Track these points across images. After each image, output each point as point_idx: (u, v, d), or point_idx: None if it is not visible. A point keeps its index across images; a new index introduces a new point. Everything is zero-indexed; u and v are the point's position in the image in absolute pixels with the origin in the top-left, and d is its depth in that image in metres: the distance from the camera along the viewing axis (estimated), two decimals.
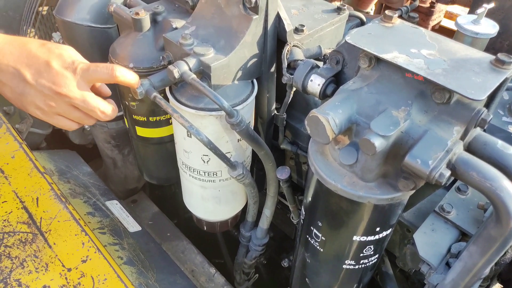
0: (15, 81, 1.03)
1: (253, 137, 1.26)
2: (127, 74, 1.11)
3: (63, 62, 1.04)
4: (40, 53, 1.03)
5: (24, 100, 1.06)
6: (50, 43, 1.06)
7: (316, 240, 1.21)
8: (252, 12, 1.19)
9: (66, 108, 1.08)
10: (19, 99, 1.07)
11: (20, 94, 1.05)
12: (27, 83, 1.03)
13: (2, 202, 1.30)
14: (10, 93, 1.06)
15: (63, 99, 1.05)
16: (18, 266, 1.15)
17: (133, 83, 1.13)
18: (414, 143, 0.88)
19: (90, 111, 1.10)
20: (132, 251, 1.49)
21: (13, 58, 1.02)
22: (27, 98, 1.05)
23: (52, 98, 1.05)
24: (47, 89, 1.03)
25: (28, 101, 1.06)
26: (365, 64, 0.99)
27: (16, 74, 1.02)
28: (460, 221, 1.17)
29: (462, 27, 1.49)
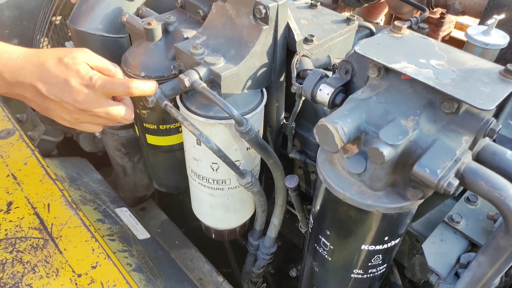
0: (39, 98, 1.09)
1: (262, 146, 1.27)
2: (143, 87, 1.15)
3: (81, 79, 1.08)
4: (58, 71, 1.07)
5: (50, 113, 1.13)
6: (67, 57, 1.09)
7: (325, 249, 1.22)
8: (262, 23, 1.20)
9: (91, 118, 1.15)
10: (45, 112, 1.13)
11: (46, 108, 1.11)
12: (51, 100, 1.09)
13: (15, 208, 1.31)
14: (36, 106, 1.13)
15: (87, 113, 1.12)
16: (29, 271, 1.16)
17: (151, 92, 1.18)
18: (422, 152, 0.88)
19: (113, 119, 1.18)
20: (141, 258, 1.50)
21: (34, 77, 1.06)
22: (53, 112, 1.12)
23: (77, 113, 1.11)
24: (71, 106, 1.09)
25: (54, 114, 1.13)
26: (374, 74, 1.00)
27: (39, 93, 1.08)
28: (469, 231, 1.17)
29: (472, 38, 1.50)
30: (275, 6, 1.17)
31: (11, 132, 1.57)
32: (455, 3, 2.13)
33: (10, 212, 1.30)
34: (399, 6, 2.37)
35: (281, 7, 1.18)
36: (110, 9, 1.59)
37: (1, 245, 1.22)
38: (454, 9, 2.15)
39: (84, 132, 2.27)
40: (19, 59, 1.06)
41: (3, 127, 1.59)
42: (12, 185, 1.38)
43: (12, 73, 1.05)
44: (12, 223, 1.27)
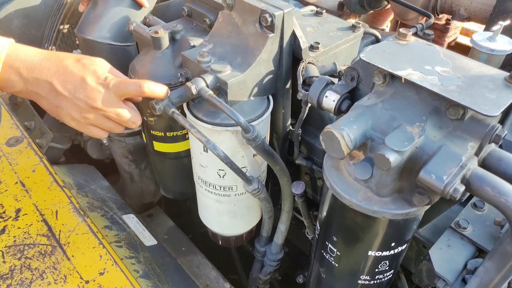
0: (52, 95, 1.10)
1: (268, 152, 1.27)
2: (154, 87, 1.18)
3: (97, 78, 1.12)
4: (76, 69, 1.11)
5: (60, 112, 1.13)
6: (85, 58, 1.14)
7: (331, 255, 1.22)
8: (268, 31, 1.21)
9: (100, 120, 1.16)
10: (55, 111, 1.13)
11: (56, 106, 1.12)
12: (64, 97, 1.10)
13: (23, 214, 1.32)
14: (47, 105, 1.13)
15: (98, 112, 1.13)
16: (37, 278, 1.17)
17: (162, 95, 1.20)
18: (428, 159, 0.88)
19: (122, 122, 1.19)
20: (148, 265, 1.51)
21: (51, 73, 1.09)
22: (64, 110, 1.12)
23: (87, 111, 1.12)
24: (83, 103, 1.11)
25: (64, 113, 1.13)
26: (379, 81, 1.00)
27: (54, 89, 1.09)
28: (476, 237, 1.17)
29: (478, 44, 1.50)
30: (280, 14, 1.18)
31: (20, 139, 1.58)
32: (460, 9, 2.13)
33: (18, 219, 1.31)
34: (405, 12, 2.37)
35: (286, 15, 1.19)
36: (117, 17, 1.61)
37: (10, 251, 1.23)
38: (460, 15, 2.15)
39: (91, 139, 2.28)
40: (36, 57, 1.09)
41: (12, 135, 1.60)
42: (20, 192, 1.39)
43: (29, 70, 1.07)
44: (21, 229, 1.28)
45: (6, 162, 1.48)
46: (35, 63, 1.08)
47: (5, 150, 1.53)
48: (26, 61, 1.07)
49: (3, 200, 1.36)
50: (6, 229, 1.28)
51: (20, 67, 1.06)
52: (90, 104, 1.11)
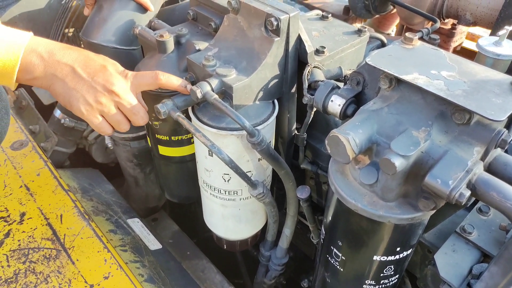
0: (70, 77, 1.11)
1: (273, 157, 1.27)
2: (170, 77, 1.22)
3: (117, 68, 1.18)
4: (97, 58, 1.16)
5: (74, 95, 1.12)
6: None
7: (336, 260, 1.21)
8: (273, 35, 1.21)
9: (111, 108, 1.16)
10: (68, 94, 1.12)
11: (71, 89, 1.12)
12: (82, 79, 1.11)
13: (28, 218, 1.32)
14: (62, 88, 1.12)
15: (113, 97, 1.15)
16: (42, 282, 1.17)
17: (177, 85, 1.23)
18: (434, 163, 0.88)
19: (133, 114, 1.19)
20: (153, 269, 1.51)
21: (72, 58, 1.11)
22: (78, 93, 1.12)
23: (103, 95, 1.13)
24: (100, 86, 1.13)
25: (78, 96, 1.12)
26: (385, 85, 1.00)
27: (73, 71, 1.11)
28: (481, 242, 1.16)
29: (484, 48, 1.50)
30: (286, 18, 1.18)
31: (24, 143, 1.59)
32: (466, 14, 2.13)
33: (23, 222, 1.31)
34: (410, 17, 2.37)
35: (292, 19, 1.19)
36: (122, 21, 1.61)
37: (14, 255, 1.23)
38: (466, 20, 2.15)
39: (96, 143, 2.28)
40: (58, 45, 1.11)
41: (17, 139, 1.61)
42: (25, 196, 1.39)
43: (51, 53, 1.09)
44: (25, 233, 1.29)
45: (10, 166, 1.49)
46: (57, 49, 1.10)
47: (9, 154, 1.53)
48: (48, 46, 1.09)
49: (7, 203, 1.36)
50: (10, 233, 1.28)
51: (42, 51, 1.08)
52: (108, 87, 1.13)
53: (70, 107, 1.15)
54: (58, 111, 2.09)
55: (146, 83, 1.20)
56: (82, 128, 2.13)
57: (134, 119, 1.20)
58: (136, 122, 1.21)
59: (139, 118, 1.20)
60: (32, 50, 1.07)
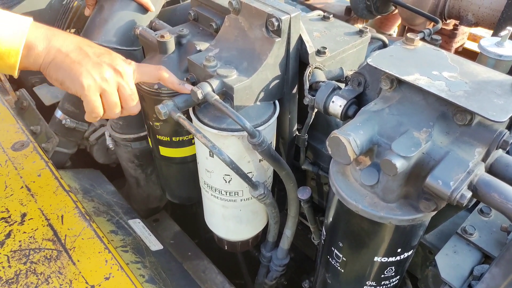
0: (75, 52, 1.11)
1: (274, 158, 1.27)
2: (172, 76, 1.25)
3: (120, 56, 1.20)
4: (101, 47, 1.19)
5: (77, 68, 1.10)
6: None
7: (337, 261, 1.21)
8: (274, 35, 1.20)
9: (113, 88, 1.15)
10: (70, 68, 1.10)
11: (75, 63, 1.10)
12: (87, 55, 1.12)
13: (28, 219, 1.32)
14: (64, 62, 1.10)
15: (117, 77, 1.15)
16: (43, 282, 1.17)
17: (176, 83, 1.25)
18: (435, 164, 0.88)
19: (130, 100, 1.19)
20: (154, 270, 1.50)
21: (77, 39, 1.14)
22: (82, 67, 1.10)
23: (108, 71, 1.13)
24: (106, 64, 1.14)
25: (82, 70, 1.10)
26: (386, 86, 1.00)
27: (79, 48, 1.12)
28: (482, 243, 1.16)
29: (485, 49, 1.49)
30: (287, 19, 1.18)
31: (25, 144, 1.59)
32: (468, 14, 2.13)
33: (24, 223, 1.31)
34: (412, 17, 2.37)
35: (293, 20, 1.19)
36: (123, 22, 1.61)
37: (15, 256, 1.23)
38: (467, 21, 2.14)
39: (97, 144, 2.28)
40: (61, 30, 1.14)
41: (18, 139, 1.60)
42: (26, 196, 1.39)
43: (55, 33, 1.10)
44: (26, 234, 1.28)
45: (11, 167, 1.49)
46: (60, 32, 1.12)
47: (10, 155, 1.53)
48: (52, 29, 1.11)
49: (8, 204, 1.36)
50: (11, 233, 1.28)
51: (47, 29, 1.09)
52: (113, 65, 1.14)
53: (70, 81, 1.11)
54: (59, 112, 2.09)
55: (148, 73, 1.23)
56: (83, 129, 2.13)
57: (129, 105, 1.20)
58: (129, 109, 1.21)
59: (135, 106, 1.21)
60: (36, 27, 1.08)
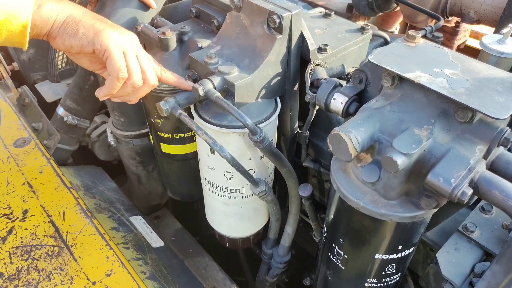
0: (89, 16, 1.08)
1: (275, 155, 1.27)
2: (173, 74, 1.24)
3: None
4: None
5: (99, 23, 1.07)
6: None
7: (338, 258, 1.21)
8: (276, 32, 1.20)
9: (132, 50, 1.11)
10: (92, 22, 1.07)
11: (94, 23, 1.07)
12: (101, 19, 1.09)
13: (30, 215, 1.33)
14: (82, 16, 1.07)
15: (135, 42, 1.14)
16: (44, 279, 1.17)
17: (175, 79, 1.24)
18: (436, 162, 0.88)
19: (146, 70, 1.15)
20: (155, 266, 1.51)
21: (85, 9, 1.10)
22: (102, 23, 1.08)
23: (126, 33, 1.12)
24: (122, 30, 1.12)
25: (103, 25, 1.08)
26: (388, 83, 1.00)
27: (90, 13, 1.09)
28: (484, 240, 1.16)
29: (487, 46, 1.49)
30: (289, 16, 1.17)
31: (27, 140, 1.59)
32: (470, 11, 2.12)
33: (25, 220, 1.32)
34: (414, 15, 2.36)
35: (295, 17, 1.19)
36: (125, 19, 1.61)
37: (17, 252, 1.23)
38: (469, 18, 2.14)
39: (99, 141, 2.28)
40: None
41: (19, 136, 1.61)
42: (27, 193, 1.40)
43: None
44: (28, 230, 1.29)
45: (13, 163, 1.49)
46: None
47: (12, 151, 1.54)
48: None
49: (10, 201, 1.36)
50: (13, 230, 1.28)
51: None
52: (127, 32, 1.12)
53: (92, 39, 1.06)
54: (61, 109, 2.09)
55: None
56: (85, 126, 2.13)
57: (147, 74, 1.15)
58: (147, 79, 1.16)
59: (153, 76, 1.17)
60: None
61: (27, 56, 2.47)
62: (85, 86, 2.00)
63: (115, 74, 1.09)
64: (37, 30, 1.03)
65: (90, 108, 2.12)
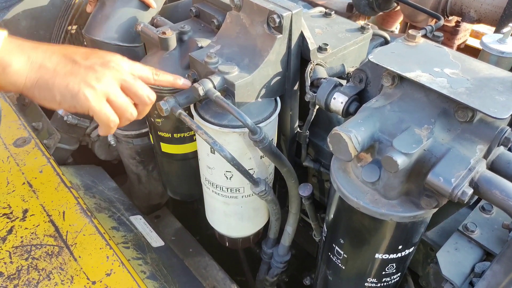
0: (62, 63, 0.97)
1: (275, 154, 1.27)
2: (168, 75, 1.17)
3: (108, 52, 1.07)
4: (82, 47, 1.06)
5: (72, 80, 0.96)
6: None
7: (338, 258, 1.21)
8: (276, 32, 1.20)
9: (116, 89, 1.02)
10: (64, 82, 0.96)
11: (67, 75, 0.96)
12: (76, 63, 0.98)
13: (30, 215, 1.33)
14: (53, 78, 0.95)
15: (115, 73, 1.02)
16: (44, 278, 1.17)
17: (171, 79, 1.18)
18: (436, 161, 0.88)
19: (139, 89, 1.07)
20: (155, 266, 1.51)
21: (57, 48, 1.00)
22: (77, 78, 0.97)
23: (103, 73, 1.00)
24: (98, 65, 1.00)
25: (77, 80, 0.97)
26: (388, 83, 1.00)
27: (64, 56, 0.98)
28: (484, 240, 1.16)
29: (488, 46, 1.49)
30: (289, 15, 1.17)
31: (27, 140, 1.59)
32: (470, 11, 2.12)
33: (25, 219, 1.31)
34: (414, 14, 2.36)
35: (295, 16, 1.19)
36: (125, 18, 1.61)
37: (17, 252, 1.23)
38: (470, 17, 2.14)
39: (99, 140, 2.28)
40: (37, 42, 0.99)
41: (19, 135, 1.61)
42: (27, 192, 1.40)
43: (34, 46, 0.96)
44: (28, 230, 1.29)
45: (13, 163, 1.49)
46: (37, 44, 0.98)
47: (12, 151, 1.54)
48: (27, 40, 0.97)
49: (10, 200, 1.36)
50: (13, 229, 1.28)
51: (22, 42, 0.96)
52: (105, 63, 1.01)
53: (70, 98, 0.97)
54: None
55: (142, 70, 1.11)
56: (85, 125, 2.13)
57: (141, 96, 1.07)
58: (144, 101, 1.08)
59: (147, 95, 1.08)
60: (10, 41, 0.93)
61: None
62: None
63: (105, 124, 1.03)
64: (7, 90, 0.97)
65: None
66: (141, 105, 1.09)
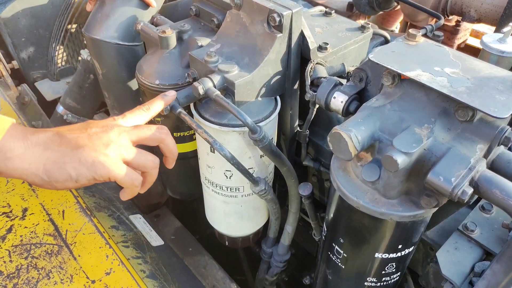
0: (64, 141, 0.91)
1: (275, 153, 1.27)
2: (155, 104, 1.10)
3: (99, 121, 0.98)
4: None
5: (82, 152, 0.90)
6: None
7: (338, 257, 1.21)
8: (276, 31, 1.20)
9: (128, 147, 0.96)
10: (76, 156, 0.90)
11: (75, 148, 0.90)
12: (77, 136, 0.92)
13: (30, 214, 1.32)
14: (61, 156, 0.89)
15: (123, 133, 0.96)
16: (44, 277, 1.17)
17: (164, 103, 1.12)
18: (437, 161, 0.88)
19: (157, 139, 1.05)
20: (155, 265, 1.50)
21: (53, 128, 0.93)
22: (85, 149, 0.90)
23: (108, 137, 0.93)
24: (99, 129, 0.94)
25: (87, 151, 0.90)
26: (388, 82, 1.00)
27: (61, 135, 0.91)
28: (484, 240, 1.16)
29: (488, 45, 1.49)
30: (289, 14, 1.17)
31: None
32: (470, 10, 2.12)
33: (25, 218, 1.31)
34: (414, 13, 2.36)
35: (295, 15, 1.19)
36: (125, 17, 1.61)
37: (17, 251, 1.23)
38: (470, 17, 2.14)
39: None
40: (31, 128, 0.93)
41: None
42: (27, 191, 1.39)
43: (33, 131, 0.90)
44: (27, 229, 1.29)
45: None
46: (31, 129, 0.91)
47: None
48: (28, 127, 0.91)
49: (10, 199, 1.36)
50: (13, 228, 1.28)
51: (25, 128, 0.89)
52: (106, 128, 0.95)
53: (87, 170, 0.90)
54: (61, 107, 2.09)
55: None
56: None
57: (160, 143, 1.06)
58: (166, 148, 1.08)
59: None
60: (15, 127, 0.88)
61: (27, 54, 2.47)
62: (84, 85, 2.00)
63: (131, 184, 0.98)
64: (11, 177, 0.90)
65: (90, 107, 2.12)
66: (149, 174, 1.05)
